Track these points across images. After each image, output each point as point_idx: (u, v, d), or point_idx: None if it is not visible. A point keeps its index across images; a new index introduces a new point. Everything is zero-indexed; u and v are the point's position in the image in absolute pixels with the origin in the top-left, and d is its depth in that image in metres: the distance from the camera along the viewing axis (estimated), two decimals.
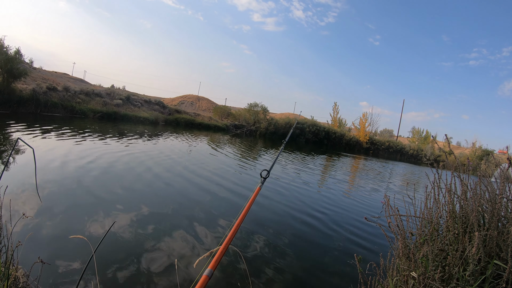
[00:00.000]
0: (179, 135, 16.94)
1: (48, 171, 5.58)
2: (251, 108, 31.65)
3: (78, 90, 19.89)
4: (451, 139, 23.43)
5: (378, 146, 36.39)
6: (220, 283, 2.91)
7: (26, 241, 2.55)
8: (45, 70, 29.44)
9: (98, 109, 19.50)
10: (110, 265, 2.89)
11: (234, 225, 1.15)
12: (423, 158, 35.17)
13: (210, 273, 0.92)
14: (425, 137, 42.92)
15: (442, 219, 1.97)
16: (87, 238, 3.34)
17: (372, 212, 6.34)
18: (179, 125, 24.57)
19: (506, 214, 1.74)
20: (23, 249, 2.39)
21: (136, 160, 7.89)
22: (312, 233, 4.59)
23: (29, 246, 2.87)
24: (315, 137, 32.79)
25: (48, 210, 3.92)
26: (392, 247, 2.12)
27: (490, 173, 2.35)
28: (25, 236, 2.81)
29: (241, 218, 1.19)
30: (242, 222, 1.18)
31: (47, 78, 22.78)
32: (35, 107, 16.26)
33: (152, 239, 3.55)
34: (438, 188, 2.00)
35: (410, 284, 1.76)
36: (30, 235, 2.99)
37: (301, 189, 7.59)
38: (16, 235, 2.95)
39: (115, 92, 23.59)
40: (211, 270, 0.93)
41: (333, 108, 40.28)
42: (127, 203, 4.59)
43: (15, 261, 2.16)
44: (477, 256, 1.46)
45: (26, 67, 19.18)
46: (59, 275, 2.61)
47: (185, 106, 40.26)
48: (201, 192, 5.86)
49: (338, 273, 3.50)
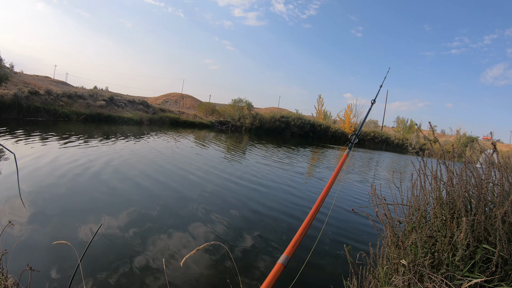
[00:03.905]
0: (164, 134, 16.74)
1: (32, 176, 5.40)
2: (236, 104, 31.53)
3: (61, 93, 19.34)
4: (436, 127, 23.81)
5: (364, 137, 36.86)
6: (210, 280, 2.87)
7: (14, 249, 2.45)
8: (26, 74, 28.63)
9: (81, 111, 19.06)
10: (98, 268, 2.84)
11: (316, 203, 1.01)
12: (409, 147, 35.85)
13: (286, 260, 0.81)
14: (410, 126, 43.76)
15: (429, 206, 1.98)
16: (75, 242, 3.27)
17: (360, 203, 6.40)
18: (164, 124, 24.28)
19: (492, 199, 1.75)
20: (11, 257, 2.34)
21: (121, 161, 7.71)
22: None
23: (18, 253, 2.79)
24: (300, 130, 32.99)
25: (34, 217, 3.82)
26: (381, 236, 2.12)
27: (475, 159, 2.37)
28: (13, 244, 2.71)
29: (325, 192, 1.04)
30: (325, 197, 1.04)
31: (28, 82, 22.12)
32: (18, 112, 15.80)
33: (140, 240, 3.48)
34: (424, 175, 2.00)
35: (400, 271, 1.76)
36: (18, 243, 2.88)
37: (288, 181, 7.59)
38: (3, 243, 2.85)
39: (98, 94, 23.07)
40: (287, 257, 0.82)
41: (318, 100, 40.63)
42: (113, 205, 4.49)
43: (4, 270, 2.11)
44: (465, 241, 1.46)
45: (7, 72, 18.61)
46: (49, 282, 2.57)
47: (169, 104, 39.78)
48: (188, 190, 5.78)
49: (328, 264, 3.51)
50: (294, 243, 0.85)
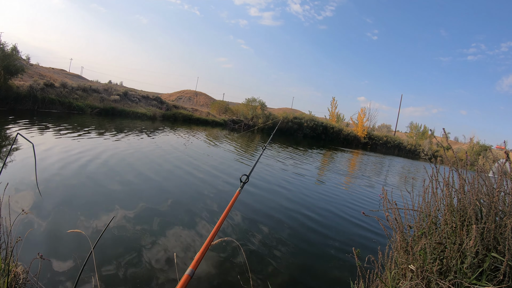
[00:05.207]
0: (177, 131, 16.92)
1: (47, 167, 5.56)
2: (249, 103, 31.61)
3: (76, 86, 19.75)
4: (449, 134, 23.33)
5: (376, 141, 36.50)
6: (220, 277, 2.92)
7: (26, 237, 2.54)
8: (42, 66, 29.17)
9: (95, 105, 19.42)
10: (109, 260, 2.89)
11: (214, 228, 1.17)
12: (421, 153, 35.32)
13: (192, 272, 0.94)
14: (423, 132, 43.07)
15: (440, 213, 1.99)
16: (87, 232, 3.37)
17: (370, 206, 6.38)
18: (177, 121, 24.53)
19: (503, 208, 1.75)
20: (23, 245, 2.37)
21: (135, 155, 7.87)
22: (310, 227, 4.61)
23: (29, 242, 2.87)
24: (313, 132, 32.86)
25: (48, 206, 3.90)
26: (390, 241, 2.14)
27: (488, 168, 2.36)
28: (25, 232, 2.80)
29: (220, 222, 1.22)
30: (221, 225, 1.21)
31: (44, 75, 22.62)
32: (33, 103, 16.17)
33: (151, 234, 3.55)
34: (436, 181, 2.01)
35: (408, 277, 1.78)
36: (30, 231, 2.99)
37: (299, 183, 7.60)
38: (15, 231, 2.94)
39: (113, 88, 23.46)
40: (192, 270, 0.94)
41: (331, 103, 40.35)
42: (127, 198, 4.58)
43: (15, 257, 2.15)
44: (474, 249, 1.48)
45: (23, 64, 19.03)
46: (58, 271, 2.61)
47: (183, 101, 40.14)
48: (201, 187, 5.86)
49: (337, 266, 3.53)
50: (198, 257, 0.98)
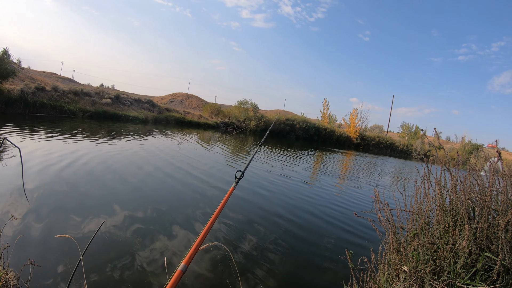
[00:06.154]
0: (169, 134, 16.80)
1: (36, 171, 5.45)
2: (241, 105, 31.60)
3: (67, 90, 19.53)
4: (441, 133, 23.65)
5: (368, 142, 36.75)
6: (210, 281, 2.88)
7: (16, 243, 2.48)
8: (33, 70, 28.88)
9: (87, 108, 19.23)
10: (99, 265, 2.84)
11: (208, 223, 1.16)
12: (413, 153, 35.66)
13: (184, 268, 0.93)
14: (415, 132, 43.56)
15: (432, 213, 1.97)
16: (77, 238, 3.29)
17: (363, 207, 6.38)
18: (169, 124, 24.39)
19: (496, 207, 1.74)
20: (13, 251, 2.35)
21: (126, 159, 7.77)
22: (302, 230, 4.58)
23: (19, 247, 2.82)
24: (305, 133, 32.96)
25: (37, 211, 3.84)
26: (383, 242, 2.11)
27: (480, 167, 2.36)
28: (15, 238, 2.73)
29: (215, 217, 1.20)
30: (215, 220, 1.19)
31: (35, 78, 22.35)
32: (24, 107, 15.95)
33: (142, 238, 3.49)
34: (428, 182, 2.00)
35: (401, 278, 1.76)
36: (20, 237, 2.91)
37: (291, 185, 7.59)
38: (5, 237, 2.88)
39: (104, 91, 23.27)
40: (185, 265, 0.94)
41: (323, 104, 40.56)
42: (117, 203, 4.50)
43: (5, 263, 2.13)
44: (467, 249, 1.46)
45: (14, 67, 18.79)
46: (50, 276, 2.57)
47: (175, 104, 39.95)
48: (192, 190, 5.80)
49: (330, 268, 3.50)
50: (192, 253, 0.97)
